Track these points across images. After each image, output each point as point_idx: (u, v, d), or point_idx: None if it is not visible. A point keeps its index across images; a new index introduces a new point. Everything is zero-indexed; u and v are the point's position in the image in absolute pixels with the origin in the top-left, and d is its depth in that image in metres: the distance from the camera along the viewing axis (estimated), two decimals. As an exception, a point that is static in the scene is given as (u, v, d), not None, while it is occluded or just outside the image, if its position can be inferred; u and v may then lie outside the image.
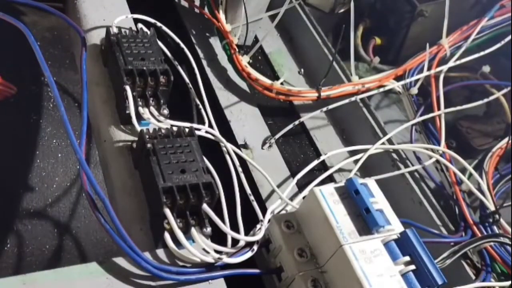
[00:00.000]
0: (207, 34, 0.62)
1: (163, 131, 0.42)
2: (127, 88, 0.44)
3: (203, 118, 0.50)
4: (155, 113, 0.45)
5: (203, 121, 0.50)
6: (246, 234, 0.42)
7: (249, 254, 0.40)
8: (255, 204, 0.44)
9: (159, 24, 0.53)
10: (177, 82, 0.47)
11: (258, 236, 0.42)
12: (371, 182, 0.42)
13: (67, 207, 0.69)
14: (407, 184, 0.54)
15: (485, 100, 0.62)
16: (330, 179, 0.53)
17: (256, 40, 0.59)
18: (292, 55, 0.66)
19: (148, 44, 0.47)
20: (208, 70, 0.58)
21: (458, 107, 0.60)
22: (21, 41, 0.43)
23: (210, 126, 0.49)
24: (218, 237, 0.40)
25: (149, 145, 0.40)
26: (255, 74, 0.56)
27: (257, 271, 0.41)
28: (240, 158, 0.48)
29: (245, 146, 0.52)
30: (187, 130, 0.43)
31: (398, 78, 0.62)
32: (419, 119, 0.59)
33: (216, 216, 0.39)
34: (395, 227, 0.39)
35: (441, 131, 0.58)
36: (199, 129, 0.47)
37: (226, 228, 0.40)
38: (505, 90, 0.64)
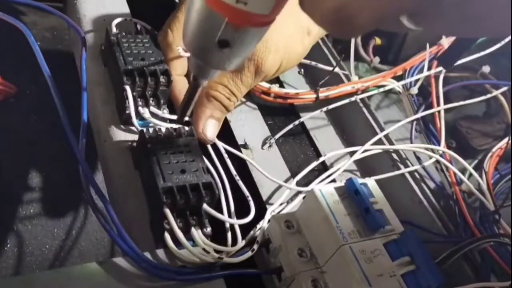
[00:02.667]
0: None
1: (163, 131, 0.42)
2: (127, 88, 0.44)
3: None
4: (155, 113, 0.45)
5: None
6: (246, 234, 0.42)
7: (249, 254, 0.40)
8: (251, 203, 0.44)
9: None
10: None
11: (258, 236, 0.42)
12: (371, 182, 0.42)
13: (67, 207, 0.69)
14: (407, 184, 0.54)
15: (487, 96, 0.62)
16: (330, 179, 0.53)
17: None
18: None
19: (148, 44, 0.47)
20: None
21: (459, 103, 0.60)
22: (21, 41, 0.43)
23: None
24: (218, 237, 0.40)
25: (149, 145, 0.40)
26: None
27: (257, 271, 0.41)
28: (239, 158, 0.48)
29: (245, 146, 0.52)
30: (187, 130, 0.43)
31: (398, 78, 0.62)
32: (418, 115, 0.59)
33: (217, 212, 0.39)
34: (395, 227, 0.39)
35: (441, 131, 0.58)
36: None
37: (228, 219, 0.40)
38: (504, 89, 0.64)
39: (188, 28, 0.30)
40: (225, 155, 0.46)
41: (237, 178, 0.45)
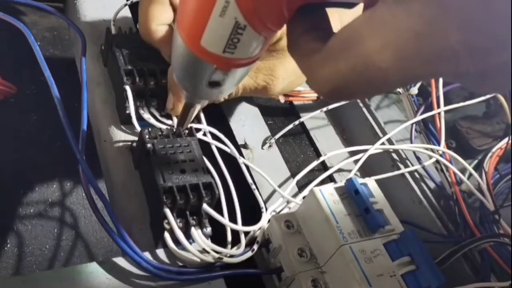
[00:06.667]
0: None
1: (163, 131, 0.42)
2: (127, 88, 0.44)
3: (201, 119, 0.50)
4: (155, 113, 0.45)
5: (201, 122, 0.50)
6: (246, 233, 0.42)
7: (249, 254, 0.40)
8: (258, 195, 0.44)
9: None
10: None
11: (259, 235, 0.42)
12: (371, 182, 0.42)
13: (67, 207, 0.69)
14: (407, 184, 0.54)
15: (486, 95, 0.62)
16: (330, 179, 0.53)
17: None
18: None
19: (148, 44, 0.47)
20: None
21: (459, 104, 0.60)
22: (21, 41, 0.43)
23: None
24: (218, 237, 0.40)
25: (149, 145, 0.40)
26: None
27: (257, 271, 0.41)
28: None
29: (245, 146, 0.52)
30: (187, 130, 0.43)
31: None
32: (419, 117, 0.59)
33: (216, 213, 0.39)
34: (395, 227, 0.39)
35: (441, 131, 0.58)
36: (199, 129, 0.47)
37: (228, 222, 0.40)
38: (503, 88, 0.64)
39: (176, 67, 0.31)
40: (242, 165, 0.46)
41: (253, 187, 0.45)
